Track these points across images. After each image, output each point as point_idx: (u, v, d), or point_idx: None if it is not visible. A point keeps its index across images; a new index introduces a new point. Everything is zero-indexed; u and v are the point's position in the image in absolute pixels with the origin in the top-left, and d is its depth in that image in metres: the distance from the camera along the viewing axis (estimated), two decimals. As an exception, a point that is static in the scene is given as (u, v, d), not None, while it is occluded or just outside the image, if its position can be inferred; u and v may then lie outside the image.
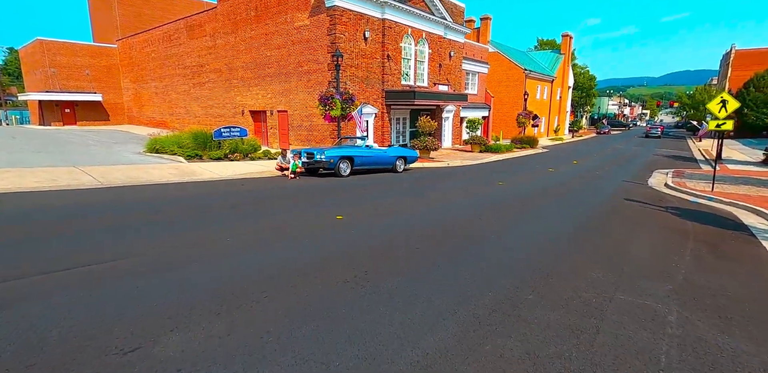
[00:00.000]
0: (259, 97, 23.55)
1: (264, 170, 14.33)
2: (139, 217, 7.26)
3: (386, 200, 9.84)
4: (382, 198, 10.05)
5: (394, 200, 9.80)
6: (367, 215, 8.03)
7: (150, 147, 17.05)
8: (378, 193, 10.75)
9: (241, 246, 5.72)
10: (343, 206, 8.75)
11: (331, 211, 8.17)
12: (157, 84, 31.55)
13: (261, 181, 12.35)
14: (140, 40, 32.28)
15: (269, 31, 22.01)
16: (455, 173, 16.27)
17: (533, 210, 9.59)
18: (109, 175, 11.59)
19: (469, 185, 13.08)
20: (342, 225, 7.11)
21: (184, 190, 10.20)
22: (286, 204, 8.73)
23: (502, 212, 9.05)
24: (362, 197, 10.10)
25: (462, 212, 8.94)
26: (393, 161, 15.32)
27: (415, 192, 11.22)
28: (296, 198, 9.44)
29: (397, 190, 11.44)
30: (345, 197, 9.89)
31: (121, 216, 7.31)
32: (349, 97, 16.92)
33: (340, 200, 9.46)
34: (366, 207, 8.80)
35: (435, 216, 8.31)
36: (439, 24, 25.01)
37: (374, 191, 11.08)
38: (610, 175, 18.06)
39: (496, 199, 10.78)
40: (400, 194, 10.73)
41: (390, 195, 10.54)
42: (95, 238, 5.99)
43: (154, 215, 7.46)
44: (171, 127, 30.22)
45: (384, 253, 5.71)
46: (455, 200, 10.26)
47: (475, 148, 25.61)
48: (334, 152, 13.12)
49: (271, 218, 7.34)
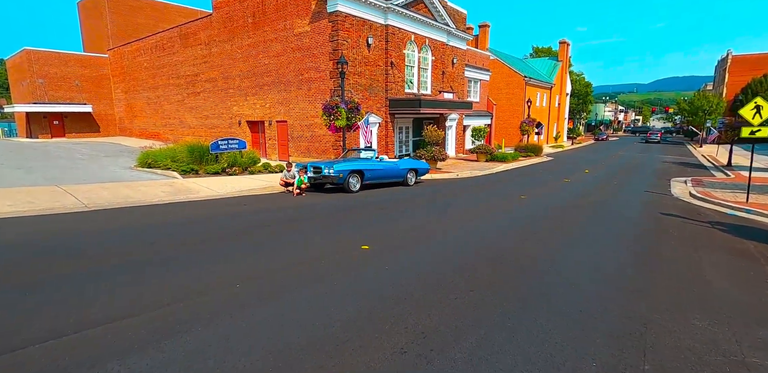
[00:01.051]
0: (257, 107, 22.43)
1: (266, 185, 13.15)
2: (125, 253, 5.97)
3: (408, 220, 8.69)
4: (403, 218, 8.91)
5: (418, 221, 8.66)
6: (394, 242, 6.86)
7: (142, 161, 15.80)
8: (396, 212, 9.59)
9: (255, 295, 4.50)
10: (364, 231, 7.58)
11: (353, 238, 6.99)
12: (149, 94, 30.33)
13: (264, 199, 11.16)
14: (132, 50, 31.11)
15: (267, 39, 20.97)
16: (469, 185, 15.19)
17: (573, 229, 8.51)
18: (95, 195, 10.34)
19: (490, 200, 11.99)
20: (370, 259, 5.94)
21: (180, 212, 8.98)
22: (298, 230, 7.50)
23: (541, 233, 7.94)
24: (381, 217, 8.94)
25: (497, 233, 7.82)
26: (404, 174, 14.21)
27: (435, 210, 10.09)
28: (308, 221, 8.22)
29: (415, 207, 10.30)
30: (362, 219, 8.71)
31: (102, 253, 5.97)
32: (355, 106, 15.85)
33: (358, 223, 8.28)
34: (389, 231, 7.63)
35: (471, 241, 7.18)
36: (442, 30, 24.17)
37: (391, 209, 9.92)
38: (628, 185, 17.12)
39: (525, 216, 9.69)
40: (420, 213, 9.59)
41: (410, 214, 9.40)
42: (60, 290, 4.63)
43: (142, 249, 6.16)
44: (164, 138, 28.94)
45: (435, 301, 4.54)
46: (483, 219, 9.15)
47: (481, 157, 24.61)
48: (343, 166, 11.99)
49: (285, 251, 6.12)
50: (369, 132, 15.91)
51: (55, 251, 6.07)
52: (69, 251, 6.04)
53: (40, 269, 5.27)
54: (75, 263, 5.53)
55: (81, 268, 5.35)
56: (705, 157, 32.26)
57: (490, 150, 24.46)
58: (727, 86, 44.09)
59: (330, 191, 12.82)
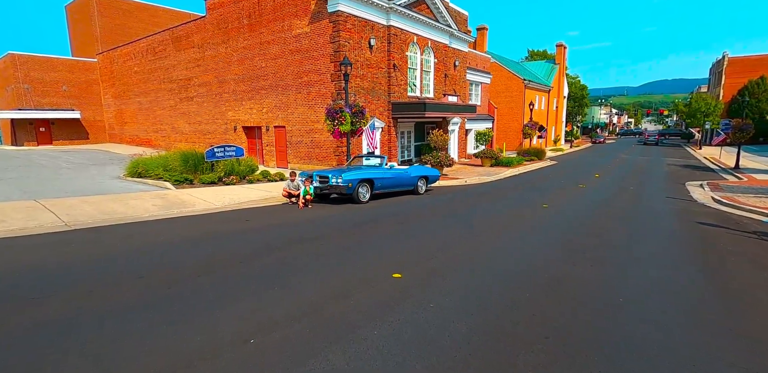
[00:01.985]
0: (254, 112, 21.32)
1: (266, 196, 12.03)
2: (104, 296, 4.57)
3: (434, 238, 7.64)
4: (426, 235, 7.85)
5: (444, 238, 7.60)
6: (427, 268, 5.78)
7: (131, 170, 14.60)
8: (417, 227, 8.53)
9: (276, 353, 3.42)
10: (388, 253, 6.49)
11: (379, 263, 5.90)
12: (140, 100, 29.07)
13: (267, 212, 10.04)
14: (122, 54, 29.87)
15: (264, 41, 19.92)
16: (482, 193, 14.19)
17: (618, 246, 7.54)
18: (77, 210, 9.17)
19: (512, 210, 10.97)
20: (407, 293, 4.86)
21: (174, 231, 7.83)
22: (313, 254, 6.34)
23: (587, 253, 6.93)
24: (402, 234, 7.86)
25: (538, 253, 6.79)
26: (415, 182, 13.17)
27: (458, 223, 9.05)
28: (322, 241, 7.10)
29: (435, 221, 9.25)
30: (381, 237, 7.62)
31: (72, 297, 4.53)
32: (360, 110, 14.82)
33: (379, 242, 7.18)
34: (417, 253, 6.56)
35: (512, 263, 6.14)
36: (444, 32, 23.28)
37: (410, 223, 8.85)
38: (646, 190, 16.27)
39: (558, 229, 8.70)
40: (443, 228, 8.54)
41: (433, 229, 8.34)
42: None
43: (127, 288, 4.84)
44: (156, 145, 27.67)
45: (501, 361, 3.50)
46: (514, 234, 8.13)
47: (486, 162, 23.67)
48: (352, 175, 10.91)
49: (302, 286, 4.96)
50: (374, 137, 14.87)
51: (8, 295, 4.60)
52: (30, 292, 4.69)
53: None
54: (30, 316, 4.07)
55: (35, 324, 3.90)
56: (708, 159, 31.66)
57: (496, 155, 23.53)
58: (724, 88, 43.75)
59: (336, 202, 11.73)
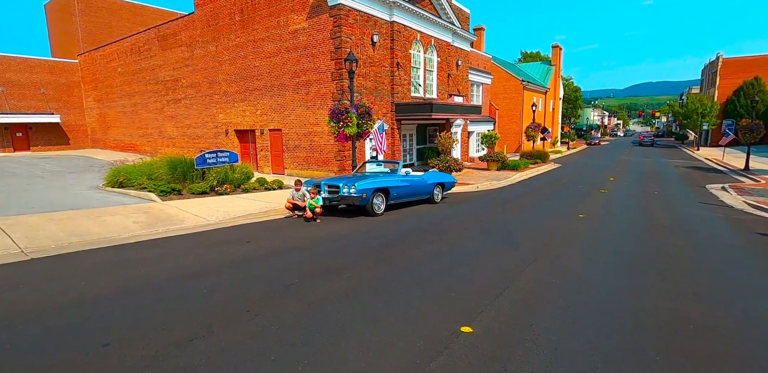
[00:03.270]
0: (247, 115, 19.72)
1: (266, 207, 10.46)
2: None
3: (483, 262, 6.15)
4: (472, 258, 6.37)
5: (496, 263, 6.13)
6: (500, 311, 4.29)
7: (111, 180, 12.89)
8: (456, 248, 7.02)
9: None
10: (437, 288, 4.92)
11: (432, 307, 4.36)
12: (125, 102, 27.19)
13: (270, 229, 8.47)
14: (105, 54, 27.98)
15: (258, 38, 18.36)
16: (502, 200, 12.80)
17: (694, 265, 6.20)
18: (40, 231, 7.52)
19: (548, 221, 9.58)
20: (491, 358, 3.42)
21: (155, 260, 6.16)
22: (342, 296, 4.69)
23: (667, 277, 5.56)
24: (443, 258, 6.32)
25: (619, 281, 5.38)
26: (431, 190, 11.73)
27: (500, 240, 7.61)
28: (347, 273, 5.43)
29: (471, 237, 7.79)
30: (420, 263, 5.99)
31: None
32: (366, 110, 13.35)
33: (421, 273, 5.51)
34: (475, 287, 5.04)
35: (607, 303, 4.69)
36: (447, 29, 21.98)
37: (445, 242, 7.35)
38: (671, 194, 15.11)
39: (613, 244, 7.35)
40: (486, 247, 7.09)
41: (475, 250, 6.87)
42: None
43: (82, 366, 3.21)
44: (142, 151, 25.84)
45: None
46: (573, 254, 6.72)
47: (492, 165, 22.36)
48: (366, 184, 9.41)
49: (339, 355, 3.41)
50: (383, 141, 13.41)
51: None
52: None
53: None
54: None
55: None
56: (711, 160, 30.85)
57: (503, 158, 22.26)
58: (718, 89, 43.29)
59: (346, 214, 10.20)
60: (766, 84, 40.26)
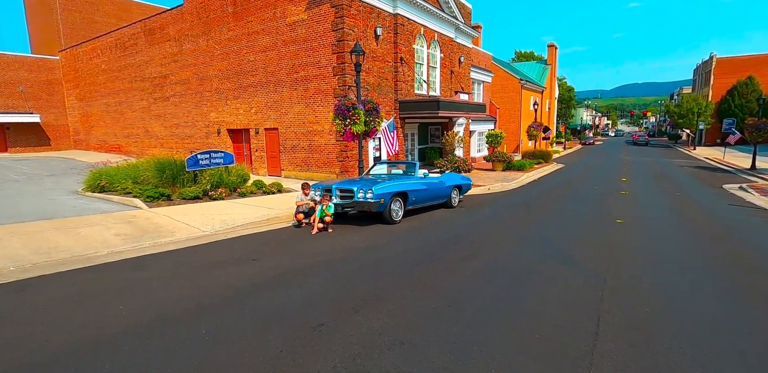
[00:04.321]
0: (240, 113, 18.36)
1: (267, 214, 9.19)
2: None
3: (539, 284, 5.02)
4: (524, 278, 5.23)
5: (554, 285, 5.00)
6: (608, 362, 3.20)
7: (91, 183, 11.47)
8: (502, 264, 5.86)
9: None
10: (503, 327, 3.83)
11: (512, 357, 3.25)
12: (108, 101, 25.54)
13: (276, 242, 7.20)
14: (87, 50, 26.29)
15: (252, 31, 17.04)
16: (522, 204, 11.69)
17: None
18: (2, 249, 6.17)
19: (586, 227, 8.49)
20: None
21: (138, 289, 4.76)
22: (383, 334, 3.58)
23: None
24: (489, 277, 5.15)
25: (736, 311, 4.30)
26: (449, 193, 10.58)
27: (544, 252, 6.48)
28: (386, 305, 4.22)
29: (514, 250, 6.64)
30: (466, 288, 4.77)
31: None
32: (374, 106, 12.17)
33: (471, 301, 4.32)
34: (549, 319, 3.94)
35: (740, 342, 3.62)
36: (450, 24, 20.90)
37: (486, 257, 6.17)
38: (693, 195, 14.28)
39: (676, 257, 6.28)
40: (533, 262, 5.95)
41: (523, 267, 5.72)
42: None
43: None
44: (127, 152, 24.26)
45: None
46: (640, 269, 5.62)
47: (498, 166, 21.34)
48: (385, 188, 8.21)
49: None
50: (394, 140, 12.22)
51: None
52: None
53: None
54: None
55: None
56: (711, 160, 30.29)
57: (509, 158, 21.25)
58: (712, 88, 43.03)
59: (357, 220, 8.98)
60: (759, 83, 40.05)
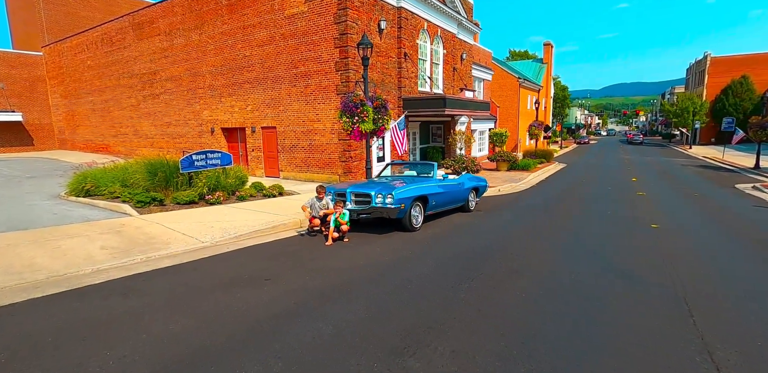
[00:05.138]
0: (236, 111, 17.35)
1: (273, 221, 8.27)
2: None
3: (609, 311, 4.19)
4: (588, 304, 4.40)
5: (628, 313, 4.17)
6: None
7: (75, 187, 10.41)
8: (546, 280, 5.06)
9: None
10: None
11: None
12: (95, 98, 24.26)
13: (290, 256, 6.24)
14: (72, 46, 24.95)
15: (248, 24, 16.03)
16: (540, 206, 10.91)
17: None
18: (-38, 267, 5.18)
19: (620, 233, 7.73)
20: None
21: (131, 325, 3.64)
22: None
23: None
24: (546, 302, 4.30)
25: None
26: (466, 196, 9.76)
27: (594, 267, 5.67)
28: (437, 341, 3.37)
29: (552, 262, 5.84)
30: (525, 318, 3.92)
31: None
32: (382, 103, 11.29)
33: (539, 337, 3.44)
34: (647, 365, 3.16)
35: None
36: (453, 19, 20.10)
37: (526, 271, 5.38)
38: (711, 196, 13.72)
39: (750, 274, 5.52)
40: (588, 279, 5.14)
41: (581, 287, 4.91)
42: None
43: None
44: (115, 152, 23.04)
45: None
46: (715, 288, 4.85)
47: (502, 165, 20.61)
48: (405, 192, 7.36)
49: None
50: (404, 139, 11.36)
51: None
52: None
53: None
54: None
55: None
56: (712, 159, 29.94)
57: (513, 158, 20.55)
58: (707, 88, 42.93)
59: (372, 228, 8.09)
60: (753, 83, 40.01)
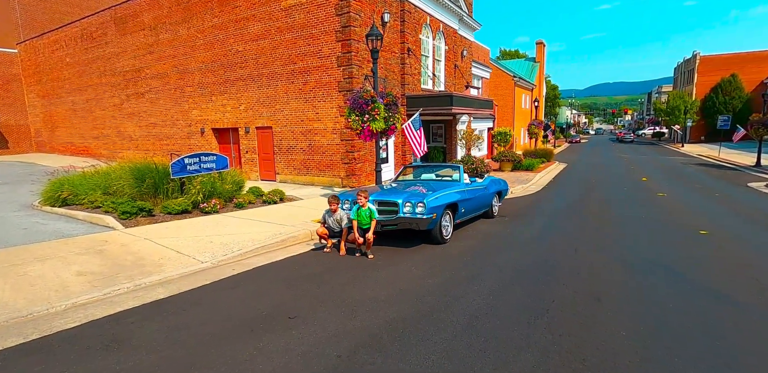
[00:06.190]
0: (228, 110, 16.12)
1: (281, 233, 7.17)
2: None
3: (760, 357, 3.31)
4: (728, 350, 3.50)
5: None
6: None
7: (50, 195, 9.13)
8: (643, 311, 4.09)
9: None
10: None
11: None
12: (75, 98, 22.67)
13: (310, 280, 5.12)
14: (50, 42, 23.30)
15: (241, 17, 14.83)
16: (564, 210, 10.01)
17: None
18: None
19: (670, 241, 6.85)
20: None
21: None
22: None
23: None
24: (676, 354, 3.39)
25: None
26: (491, 201, 8.82)
27: (692, 290, 4.74)
28: None
29: (632, 284, 4.88)
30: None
31: None
32: (393, 100, 10.30)
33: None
34: None
35: None
36: (455, 15, 19.20)
37: (613, 303, 4.44)
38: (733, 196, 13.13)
39: None
40: (694, 307, 4.20)
41: (698, 323, 3.95)
42: None
43: None
44: (97, 154, 21.51)
45: None
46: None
47: (506, 166, 19.80)
48: (438, 199, 6.34)
49: None
50: (422, 140, 10.35)
51: None
52: None
53: None
54: None
55: None
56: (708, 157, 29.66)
57: (518, 158, 19.76)
58: (696, 86, 42.98)
59: (392, 239, 7.05)
60: (742, 81, 40.15)
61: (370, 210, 6.06)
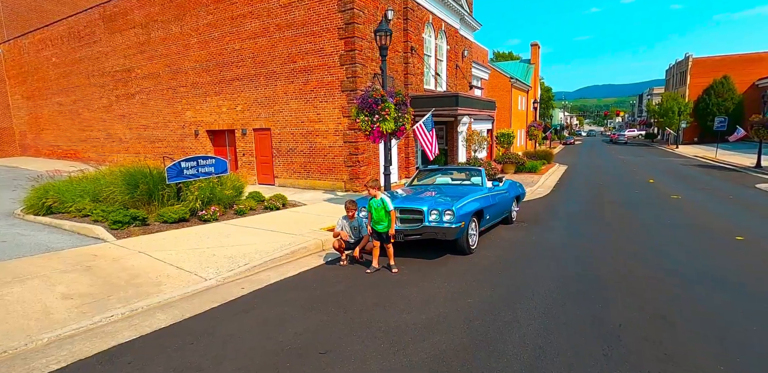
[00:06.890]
0: (223, 111, 15.40)
1: (291, 244, 6.52)
2: None
3: None
4: None
5: None
6: None
7: (34, 203, 8.35)
8: (725, 340, 3.58)
9: None
10: None
11: None
12: (62, 99, 21.71)
13: (333, 300, 4.43)
14: (35, 41, 22.33)
15: (238, 14, 14.15)
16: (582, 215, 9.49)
17: None
18: None
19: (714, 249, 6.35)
20: None
21: None
22: None
23: None
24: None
25: None
26: (510, 207, 8.26)
27: (764, 311, 4.24)
28: None
29: (698, 303, 4.35)
30: None
31: None
32: (403, 100, 9.69)
33: None
34: None
35: None
36: (456, 14, 18.73)
37: (683, 324, 3.88)
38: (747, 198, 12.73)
39: None
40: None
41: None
42: None
43: None
44: (84, 158, 20.60)
45: None
46: None
47: (509, 168, 19.34)
48: (465, 206, 5.75)
49: None
50: (433, 141, 9.75)
51: None
52: None
53: None
54: None
55: None
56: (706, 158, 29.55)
57: (521, 160, 19.32)
58: (689, 88, 43.14)
59: (410, 249, 6.43)
60: (734, 82, 40.35)
61: (383, 201, 5.39)
